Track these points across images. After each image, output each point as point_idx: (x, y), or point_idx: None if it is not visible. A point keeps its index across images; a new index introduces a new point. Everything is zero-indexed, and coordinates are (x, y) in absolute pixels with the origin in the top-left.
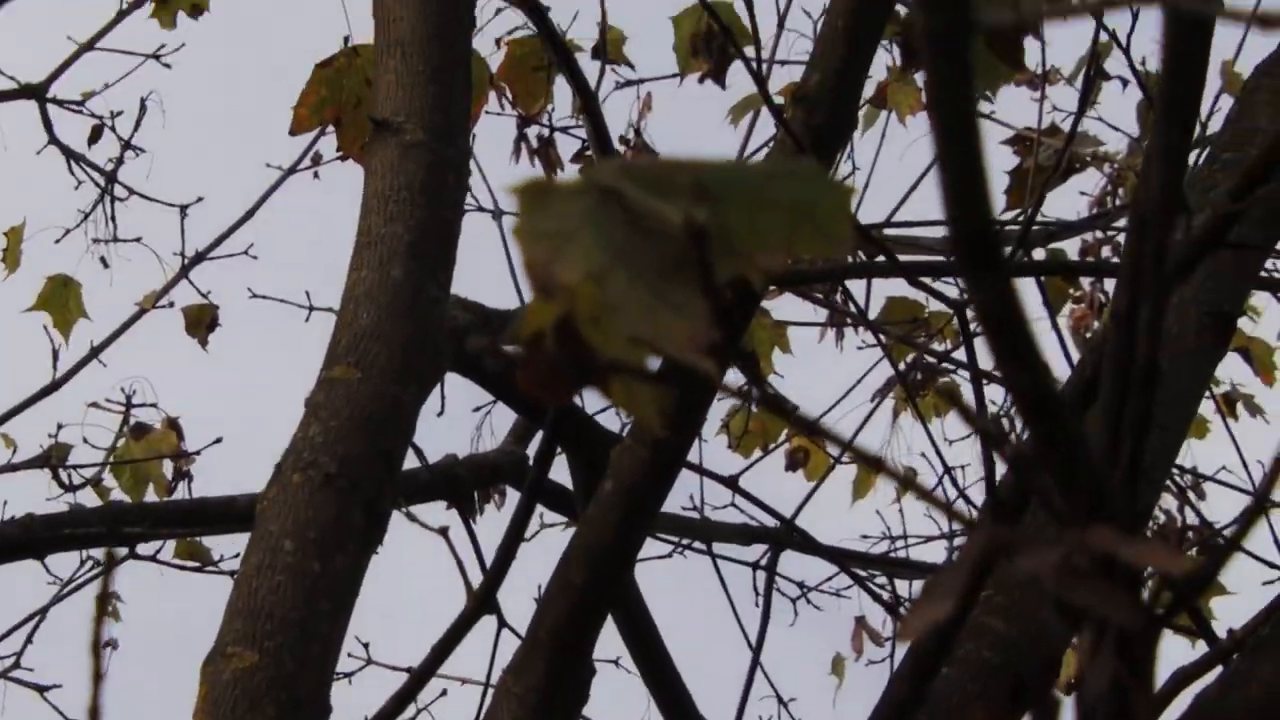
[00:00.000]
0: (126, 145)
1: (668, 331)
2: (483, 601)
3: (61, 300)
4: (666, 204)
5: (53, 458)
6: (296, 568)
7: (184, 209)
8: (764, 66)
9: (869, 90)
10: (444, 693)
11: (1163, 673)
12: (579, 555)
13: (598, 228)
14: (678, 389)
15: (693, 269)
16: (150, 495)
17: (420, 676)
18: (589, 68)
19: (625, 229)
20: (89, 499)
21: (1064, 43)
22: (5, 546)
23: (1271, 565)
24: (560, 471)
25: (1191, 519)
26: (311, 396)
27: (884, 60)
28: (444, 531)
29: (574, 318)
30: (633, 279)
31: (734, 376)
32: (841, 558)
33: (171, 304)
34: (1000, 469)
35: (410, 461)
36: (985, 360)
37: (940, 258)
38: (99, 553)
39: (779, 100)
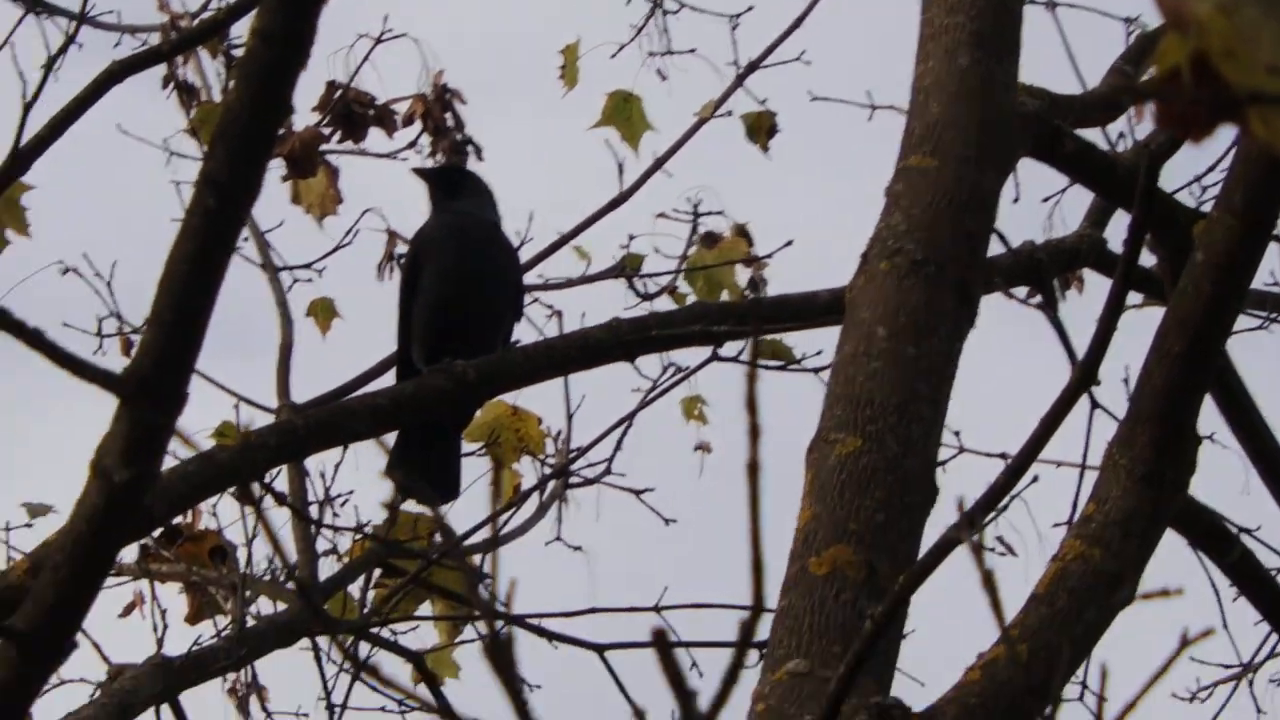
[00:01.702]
0: None
1: None
2: (1086, 376)
3: (624, 115)
4: None
5: (626, 268)
6: (892, 353)
7: (734, 19)
8: None
9: None
10: (1035, 479)
11: None
12: (1174, 326)
13: None
14: None
15: None
16: (726, 298)
17: (1026, 456)
18: None
19: None
20: (663, 305)
21: None
22: (595, 349)
23: None
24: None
25: None
26: (891, 186)
27: None
28: (1046, 306)
29: (1208, 52)
30: (1266, 9)
31: None
32: None
33: (730, 113)
34: None
35: (991, 249)
36: None
37: None
38: (682, 355)
39: None
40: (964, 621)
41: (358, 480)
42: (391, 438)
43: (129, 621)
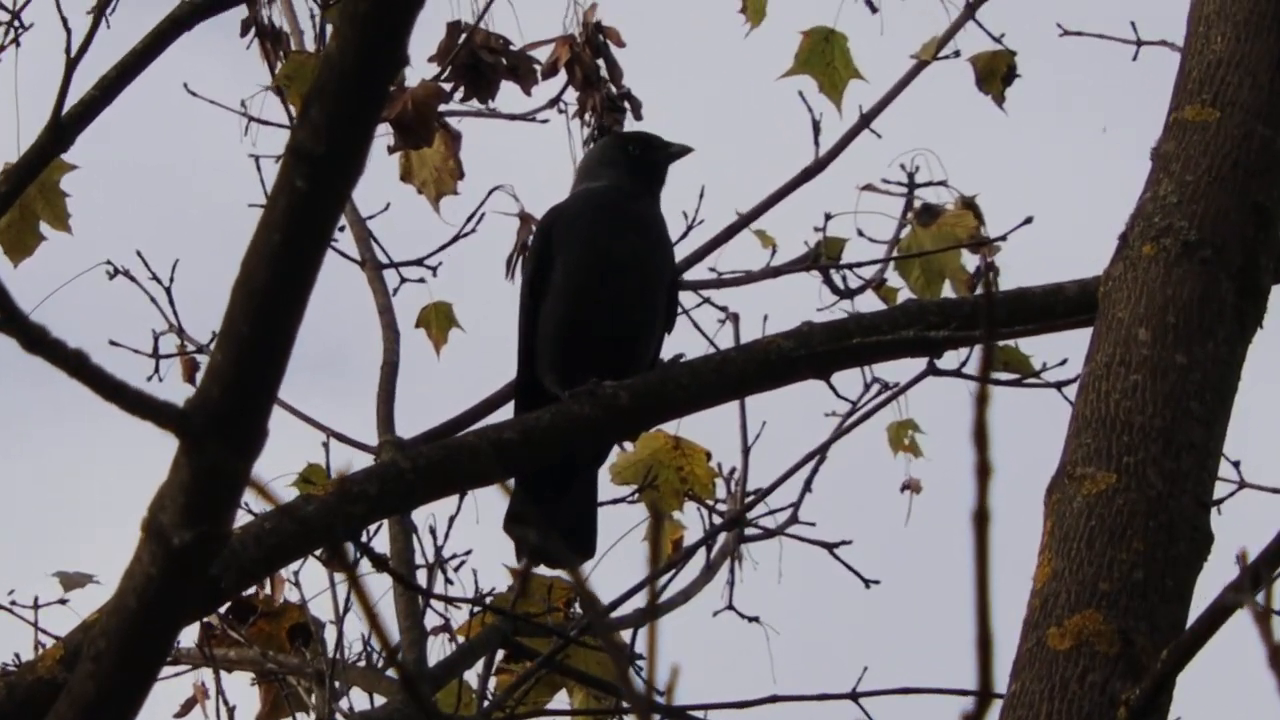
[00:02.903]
0: None
1: None
2: None
3: (824, 59)
4: None
5: (821, 256)
6: (1156, 362)
7: None
8: None
9: None
10: None
11: None
12: None
13: None
14: None
15: None
16: (948, 292)
17: None
18: None
19: None
20: (867, 304)
21: None
22: (779, 364)
23: None
24: None
25: None
26: (1159, 146)
27: None
28: None
29: None
30: None
31: None
32: None
33: (957, 53)
34: None
35: None
36: None
37: None
38: (890, 369)
39: None
40: (1244, 709)
41: (477, 537)
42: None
43: None
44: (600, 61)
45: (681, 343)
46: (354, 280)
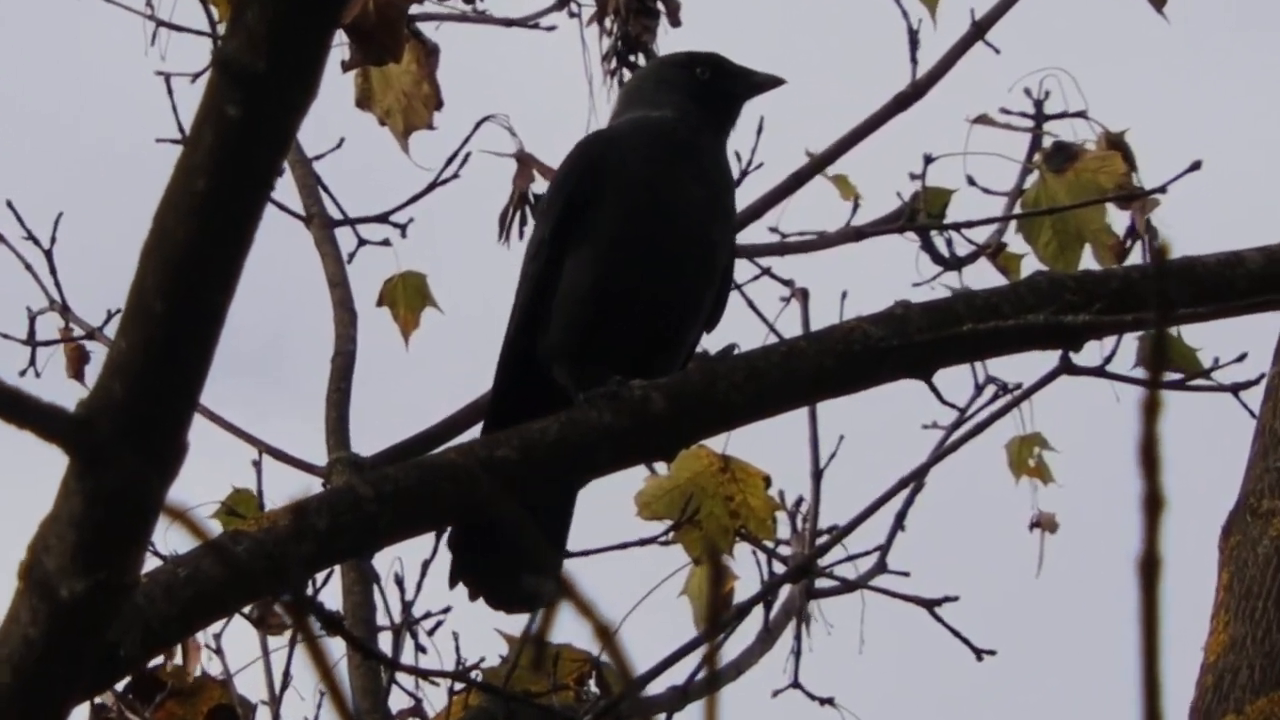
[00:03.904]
0: None
1: None
2: None
3: None
4: None
5: (920, 212)
6: None
7: None
8: None
9: None
10: None
11: None
12: None
13: None
14: None
15: None
16: (1088, 261)
17: None
18: None
19: None
20: (980, 277)
21: None
22: (863, 358)
23: None
24: None
25: None
26: None
27: None
28: None
29: None
30: None
31: None
32: None
33: None
34: None
35: None
36: None
37: None
38: (1011, 365)
39: None
40: None
41: (459, 591)
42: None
43: None
44: None
45: (733, 330)
46: (296, 242)
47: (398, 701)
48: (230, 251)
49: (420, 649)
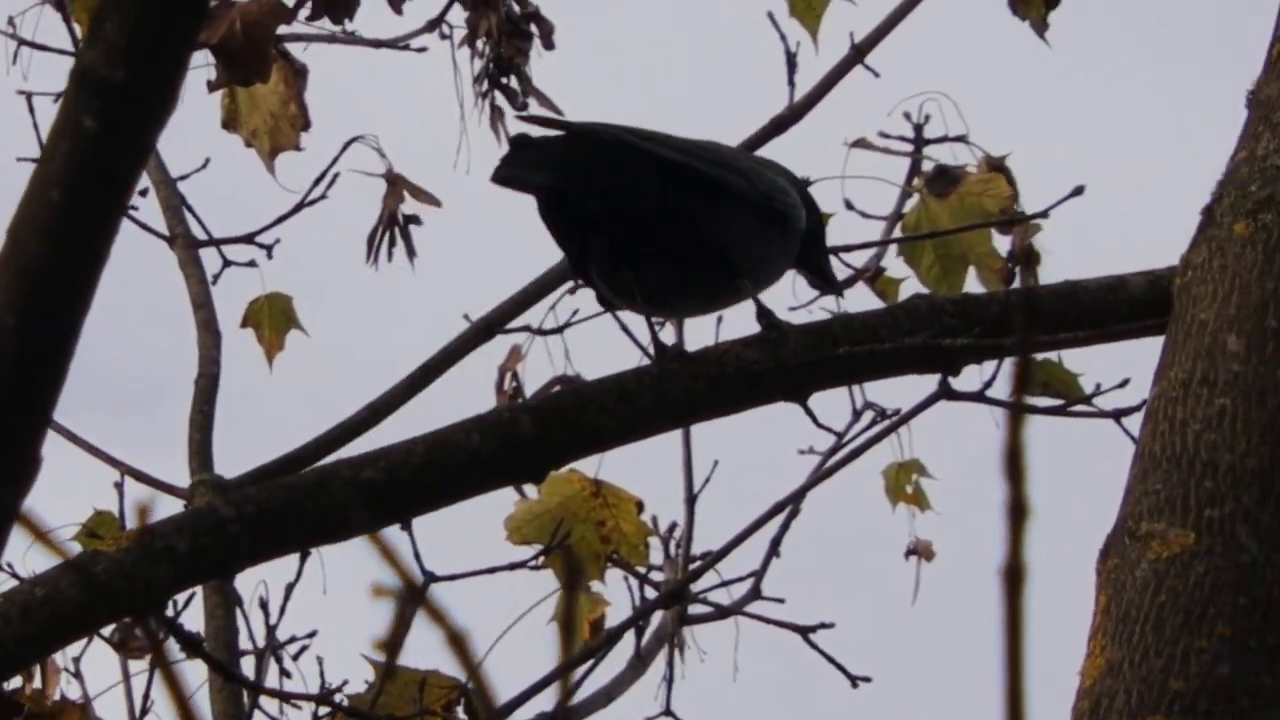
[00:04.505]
0: None
1: None
2: None
3: None
4: None
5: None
6: (1252, 381)
7: None
8: None
9: None
10: None
11: None
12: None
13: None
14: None
15: None
16: (973, 284)
17: None
18: None
19: None
20: (861, 302)
21: None
22: (739, 381)
23: None
24: None
25: None
26: (1258, 89)
27: None
28: None
29: None
30: None
31: None
32: None
33: None
34: None
35: None
36: None
37: None
38: (889, 389)
39: None
40: None
41: (325, 614)
42: None
43: None
44: None
45: (607, 353)
46: (159, 262)
47: None
48: (85, 266)
49: (285, 673)
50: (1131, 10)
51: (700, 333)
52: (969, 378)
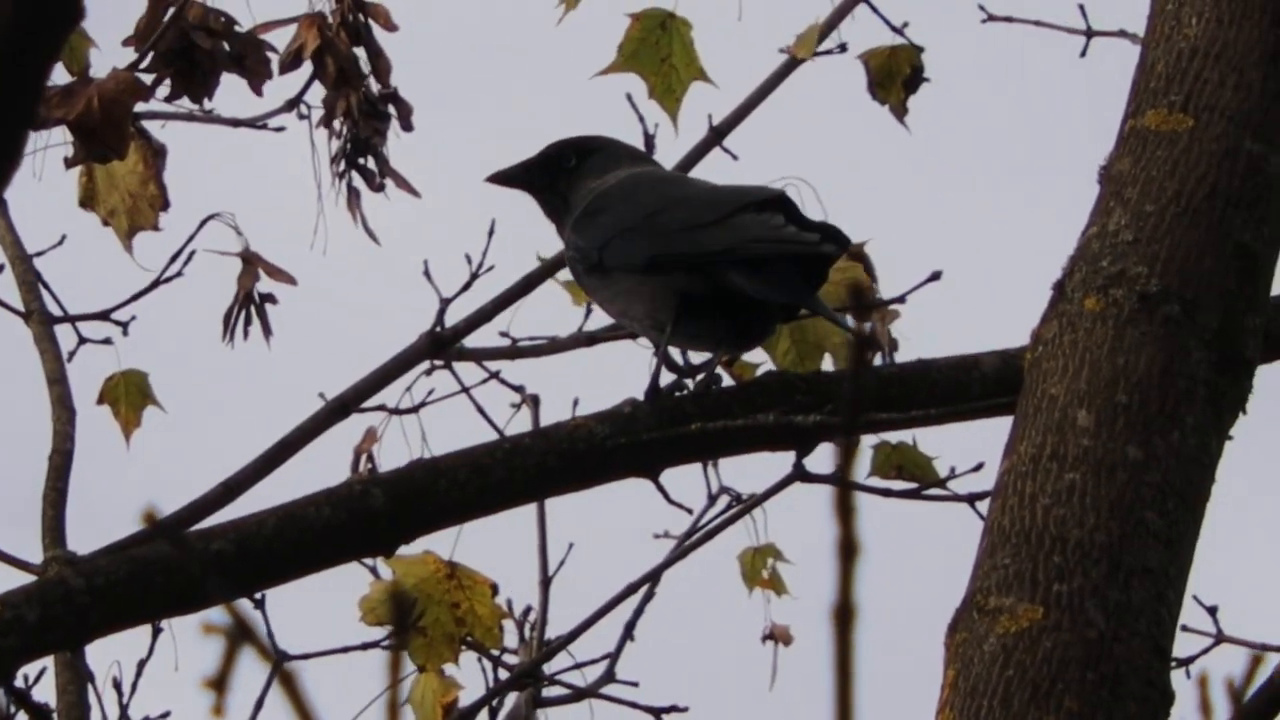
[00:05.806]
0: None
1: None
2: None
3: (658, 53)
4: None
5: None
6: (1100, 456)
7: None
8: None
9: None
10: None
11: None
12: None
13: None
14: None
15: None
16: (828, 364)
17: None
18: None
19: None
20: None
21: None
22: (591, 457)
23: None
24: None
25: None
26: (1109, 164)
27: None
28: None
29: None
30: None
31: None
32: None
33: (843, 47)
34: None
35: None
36: None
37: None
38: (744, 468)
39: None
40: None
41: (178, 691)
42: None
43: None
44: (360, 51)
45: (463, 433)
46: (14, 337)
47: None
48: None
49: None
50: (995, 92)
51: (556, 407)
52: (823, 458)
